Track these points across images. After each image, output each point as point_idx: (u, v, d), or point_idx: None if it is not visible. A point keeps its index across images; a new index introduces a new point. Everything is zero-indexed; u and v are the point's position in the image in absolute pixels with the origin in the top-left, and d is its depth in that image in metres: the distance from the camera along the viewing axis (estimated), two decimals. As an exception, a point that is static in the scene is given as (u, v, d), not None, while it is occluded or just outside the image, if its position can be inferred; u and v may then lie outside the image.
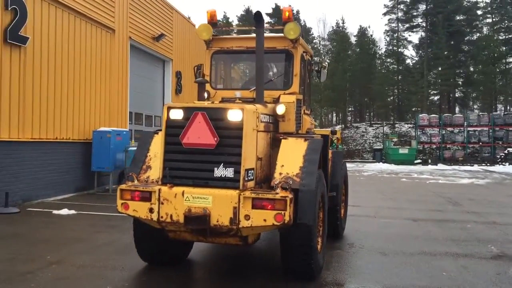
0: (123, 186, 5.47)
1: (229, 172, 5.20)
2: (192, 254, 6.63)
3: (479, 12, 61.38)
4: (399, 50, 62.58)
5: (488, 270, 6.35)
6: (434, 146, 40.97)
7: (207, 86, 7.01)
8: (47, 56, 12.16)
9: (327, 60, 8.23)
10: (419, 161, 36.68)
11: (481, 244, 7.95)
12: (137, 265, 6.21)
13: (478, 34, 59.99)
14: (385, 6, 64.72)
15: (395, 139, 39.57)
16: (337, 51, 62.57)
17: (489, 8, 60.88)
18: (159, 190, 5.23)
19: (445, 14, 56.01)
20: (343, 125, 55.46)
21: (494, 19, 59.77)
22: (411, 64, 64.08)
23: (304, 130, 7.31)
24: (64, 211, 10.12)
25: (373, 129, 51.20)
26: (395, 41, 62.99)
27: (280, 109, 6.45)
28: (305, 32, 74.11)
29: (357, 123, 58.21)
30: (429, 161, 37.92)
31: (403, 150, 36.15)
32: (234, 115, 5.25)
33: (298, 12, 76.90)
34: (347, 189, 9.31)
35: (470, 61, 58.52)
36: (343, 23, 74.01)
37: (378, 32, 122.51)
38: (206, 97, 6.73)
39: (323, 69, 8.26)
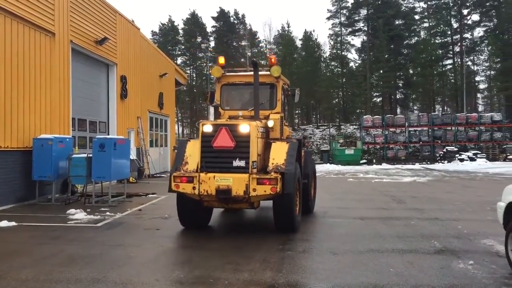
0: (175, 174, 8.51)
1: (242, 163, 8.32)
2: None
3: (416, 17, 64.16)
4: (343, 53, 64.24)
5: (433, 265, 6.59)
6: (378, 146, 42.36)
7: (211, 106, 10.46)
8: (-19, 61, 11.52)
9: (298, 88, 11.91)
10: (364, 161, 37.80)
11: (425, 240, 8.25)
12: (83, 277, 5.98)
13: (416, 38, 62.62)
14: (329, 10, 66.21)
15: (341, 140, 40.56)
16: (283, 55, 63.32)
17: (426, 13, 63.78)
18: (199, 175, 8.31)
19: (385, 19, 58.12)
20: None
21: (430, 24, 62.68)
22: (355, 67, 65.94)
23: (285, 136, 10.41)
24: (4, 223, 9.57)
25: (320, 131, 52.27)
26: (339, 44, 64.58)
27: (271, 123, 9.74)
28: (251, 35, 74.55)
29: (304, 125, 59.19)
30: (374, 161, 39.20)
31: (349, 151, 37.16)
32: (244, 128, 8.42)
33: (243, 16, 77.27)
34: (315, 178, 12.67)
35: (409, 64, 60.99)
36: (288, 27, 74.90)
37: (323, 36, 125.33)
38: (218, 116, 9.97)
39: (296, 92, 11.18)
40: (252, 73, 9.68)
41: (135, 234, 8.98)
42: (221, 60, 10.22)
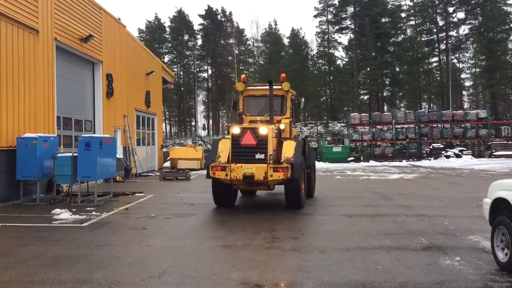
0: (212, 164, 11.12)
1: (262, 156, 11.03)
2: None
3: (403, 15, 64.50)
4: (330, 51, 64.40)
5: (420, 261, 6.60)
6: (365, 144, 42.53)
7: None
8: (-37, 59, 11.27)
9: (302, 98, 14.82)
10: (352, 158, 37.87)
11: (412, 237, 8.27)
12: (67, 278, 5.88)
13: (402, 36, 62.95)
14: (316, 8, 66.23)
15: (328, 138, 40.61)
16: (270, 53, 63.31)
17: (412, 11, 64.16)
18: (230, 165, 10.97)
19: (372, 17, 58.30)
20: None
21: (417, 22, 63.07)
22: (342, 65, 66.13)
23: (293, 136, 13.35)
24: (-14, 224, 9.41)
25: (308, 129, 52.31)
26: (326, 42, 64.73)
27: (282, 126, 12.41)
28: (239, 33, 74.37)
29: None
30: (361, 158, 39.28)
31: (337, 149, 37.18)
32: (263, 130, 11.12)
33: (231, 13, 77.14)
34: (315, 169, 15.41)
35: (396, 61, 61.31)
36: (275, 25, 75.00)
37: (310, 34, 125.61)
38: (241, 121, 12.46)
39: (301, 101, 14.20)
40: (267, 87, 12.31)
41: (121, 234, 8.88)
42: (243, 77, 13.33)
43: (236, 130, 11.21)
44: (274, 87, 12.39)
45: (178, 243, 7.97)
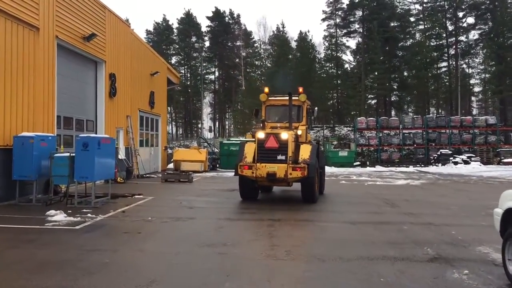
0: (240, 163, 12.90)
1: (283, 157, 12.67)
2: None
3: (412, 19, 63.92)
4: (338, 55, 63.93)
5: (425, 274, 6.20)
6: (372, 149, 42.02)
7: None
8: (-41, 55, 11.01)
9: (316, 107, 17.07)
10: (358, 163, 37.34)
11: (418, 247, 7.85)
12: (50, 284, 5.54)
13: (411, 40, 62.37)
14: (324, 12, 65.90)
15: (335, 142, 40.14)
16: (277, 55, 62.98)
17: (421, 15, 63.58)
18: (256, 164, 12.71)
19: (380, 21, 57.83)
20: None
21: (426, 26, 62.43)
22: (349, 69, 65.61)
23: (308, 140, 14.80)
24: (-23, 225, 9.11)
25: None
26: (333, 46, 64.28)
27: (299, 132, 14.06)
28: (246, 35, 74.11)
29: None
30: (368, 163, 38.71)
31: (343, 153, 36.68)
32: (284, 135, 12.81)
33: (239, 16, 76.93)
34: (325, 170, 17.18)
35: (404, 66, 60.70)
36: (283, 27, 74.57)
37: (318, 37, 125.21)
38: (264, 127, 13.99)
39: (315, 110, 16.17)
40: (287, 98, 14.03)
41: (114, 238, 8.54)
42: (266, 89, 15.01)
43: (261, 135, 13.03)
44: (292, 98, 14.03)
45: (172, 249, 7.62)
